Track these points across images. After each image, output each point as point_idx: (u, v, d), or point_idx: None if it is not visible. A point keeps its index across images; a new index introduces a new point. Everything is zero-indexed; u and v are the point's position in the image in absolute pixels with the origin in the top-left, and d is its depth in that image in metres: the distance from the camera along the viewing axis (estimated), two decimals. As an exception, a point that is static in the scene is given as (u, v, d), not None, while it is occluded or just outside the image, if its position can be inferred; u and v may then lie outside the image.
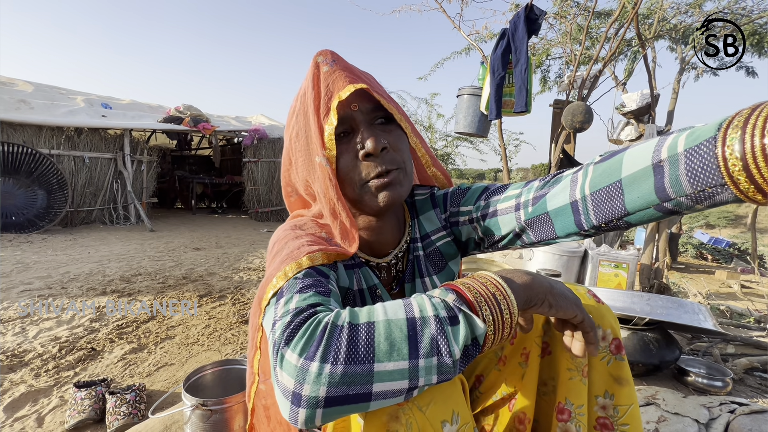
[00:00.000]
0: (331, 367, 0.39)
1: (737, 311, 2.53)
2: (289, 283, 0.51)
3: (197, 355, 1.94)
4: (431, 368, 0.40)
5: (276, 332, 0.44)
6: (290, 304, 0.47)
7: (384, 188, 0.59)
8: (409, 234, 0.72)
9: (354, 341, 0.40)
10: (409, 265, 0.71)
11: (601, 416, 0.64)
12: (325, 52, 0.61)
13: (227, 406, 1.05)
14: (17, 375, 1.68)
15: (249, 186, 7.24)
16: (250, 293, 2.92)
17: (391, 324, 0.42)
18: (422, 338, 0.41)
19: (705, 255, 5.31)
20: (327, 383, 0.38)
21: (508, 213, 0.61)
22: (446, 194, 0.74)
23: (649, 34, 4.28)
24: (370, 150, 0.57)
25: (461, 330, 0.42)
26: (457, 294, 0.45)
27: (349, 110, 0.59)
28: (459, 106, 3.09)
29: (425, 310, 0.43)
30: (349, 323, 0.42)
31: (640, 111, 3.93)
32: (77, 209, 5.57)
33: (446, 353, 0.41)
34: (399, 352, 0.40)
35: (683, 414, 1.09)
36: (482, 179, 23.38)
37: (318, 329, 0.42)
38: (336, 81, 0.58)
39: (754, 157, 0.34)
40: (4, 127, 4.90)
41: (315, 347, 0.40)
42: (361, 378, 0.39)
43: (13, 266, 3.34)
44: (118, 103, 7.21)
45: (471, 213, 0.68)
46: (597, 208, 0.49)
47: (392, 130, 0.62)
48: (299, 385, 0.39)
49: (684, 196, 0.40)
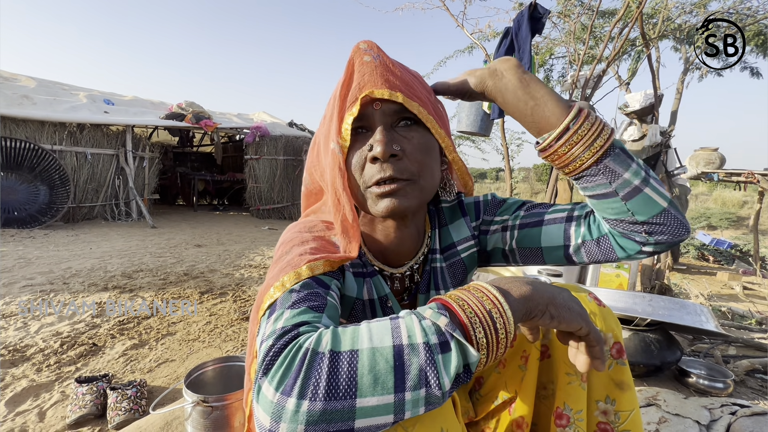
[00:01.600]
0: (309, 403, 0.36)
1: (738, 313, 2.52)
2: (284, 296, 0.48)
3: (198, 351, 1.94)
4: (418, 401, 0.38)
5: (259, 355, 0.42)
6: (278, 323, 0.44)
7: (385, 196, 0.54)
8: (428, 245, 0.69)
9: (334, 374, 0.37)
10: (425, 276, 0.68)
11: (602, 422, 0.63)
12: (371, 43, 0.58)
13: (228, 403, 1.06)
14: (19, 370, 1.68)
15: (250, 183, 7.24)
16: (251, 290, 2.92)
17: (376, 353, 0.38)
18: (410, 369, 0.38)
19: (706, 256, 5.30)
20: (305, 421, 0.36)
21: (557, 224, 0.61)
22: (478, 202, 0.71)
23: (654, 34, 4.26)
24: (377, 154, 0.53)
25: (453, 359, 0.39)
26: (450, 314, 0.41)
27: (370, 107, 0.55)
28: (461, 104, 3.08)
29: (414, 336, 0.39)
30: (330, 351, 0.39)
31: (643, 111, 3.91)
32: (79, 205, 5.59)
33: (435, 385, 0.38)
34: (384, 385, 0.37)
35: (684, 415, 1.08)
36: (484, 178, 23.34)
37: (297, 357, 0.39)
38: (373, 76, 0.54)
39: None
40: (7, 122, 4.91)
41: (293, 380, 0.37)
42: (342, 415, 0.36)
43: (15, 261, 3.35)
44: (120, 99, 7.21)
45: (507, 221, 0.67)
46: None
47: (414, 137, 0.56)
48: (275, 424, 0.36)
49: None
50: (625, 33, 3.26)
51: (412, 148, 0.56)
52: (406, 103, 0.54)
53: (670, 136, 3.82)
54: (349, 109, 0.54)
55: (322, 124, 0.62)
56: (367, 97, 0.54)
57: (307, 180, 0.68)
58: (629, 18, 3.58)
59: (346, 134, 0.54)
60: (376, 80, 0.54)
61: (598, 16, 4.93)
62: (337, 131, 0.55)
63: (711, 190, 13.74)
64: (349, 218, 0.54)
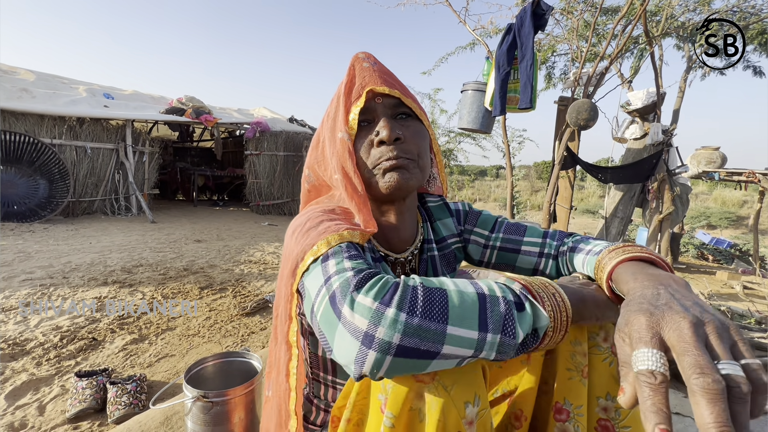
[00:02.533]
0: (407, 316, 0.39)
1: (738, 312, 2.53)
2: (334, 250, 0.50)
3: (198, 346, 1.94)
4: (494, 344, 0.41)
5: (334, 284, 0.44)
6: (345, 264, 0.47)
7: (391, 170, 0.61)
8: (422, 235, 0.75)
9: (429, 299, 0.41)
10: (423, 264, 0.73)
11: (603, 418, 0.63)
12: (367, 54, 0.67)
13: (228, 399, 1.06)
14: (19, 363, 1.68)
15: (250, 179, 7.22)
16: (251, 286, 2.92)
17: (463, 294, 0.43)
18: (491, 314, 0.42)
19: (706, 255, 5.30)
20: (402, 330, 0.38)
21: (530, 256, 0.74)
22: (458, 210, 0.81)
23: (657, 32, 4.24)
24: (384, 137, 0.60)
25: (527, 316, 0.43)
26: (521, 285, 0.47)
27: (373, 102, 0.63)
28: (463, 101, 3.07)
29: (493, 291, 0.44)
30: (422, 284, 0.43)
31: (645, 109, 3.90)
32: (79, 199, 5.57)
33: (511, 333, 0.42)
34: (470, 320, 0.41)
35: (684, 414, 1.08)
36: (484, 176, 23.32)
37: (389, 284, 0.43)
38: (373, 77, 0.63)
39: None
40: (6, 115, 4.88)
41: (390, 295, 0.41)
42: (435, 335, 0.39)
43: (15, 255, 3.35)
44: (120, 93, 7.18)
45: (489, 239, 0.77)
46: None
47: (411, 125, 0.65)
48: (374, 327, 0.39)
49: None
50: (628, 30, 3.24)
51: (410, 135, 0.64)
52: (403, 99, 0.63)
53: (672, 135, 3.81)
54: (355, 102, 0.62)
55: (325, 123, 0.69)
56: (371, 92, 0.62)
57: (311, 177, 0.73)
58: (632, 15, 3.56)
59: (353, 123, 0.61)
60: (376, 80, 0.63)
61: (601, 14, 4.90)
62: (344, 122, 0.62)
63: (711, 190, 13.74)
64: (360, 194, 0.60)
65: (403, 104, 0.64)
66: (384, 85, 0.62)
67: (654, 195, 3.86)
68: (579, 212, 10.98)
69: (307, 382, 0.74)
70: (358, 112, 0.61)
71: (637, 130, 4.08)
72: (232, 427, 1.08)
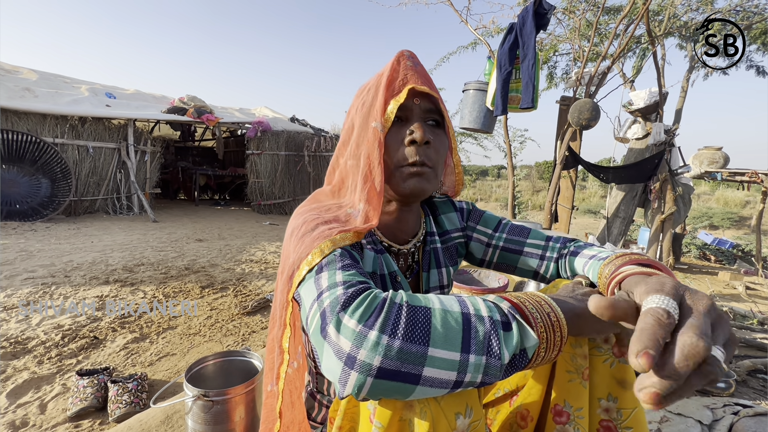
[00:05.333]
0: (389, 339, 0.40)
1: (740, 313, 2.52)
2: (328, 259, 0.52)
3: (199, 345, 1.95)
4: (480, 366, 0.41)
5: (325, 301, 0.45)
6: (336, 277, 0.48)
7: (414, 176, 0.63)
8: (425, 228, 0.76)
9: (412, 320, 0.41)
10: (426, 256, 0.75)
11: (605, 419, 0.63)
12: (411, 53, 0.68)
13: (229, 398, 1.06)
14: (20, 362, 1.69)
15: (252, 178, 7.23)
16: (252, 285, 2.93)
17: (447, 314, 0.42)
18: (476, 334, 0.41)
19: (708, 256, 5.28)
20: (383, 354, 0.39)
21: (532, 258, 0.74)
22: (462, 208, 0.83)
23: (659, 31, 4.22)
24: (417, 138, 0.61)
25: (513, 337, 0.42)
26: (510, 303, 0.46)
27: (411, 102, 0.64)
28: (464, 101, 3.06)
29: (479, 310, 0.44)
30: (407, 303, 0.43)
31: (647, 109, 3.89)
32: (81, 198, 5.58)
33: (496, 355, 0.41)
34: (453, 342, 0.41)
35: (686, 415, 1.08)
36: (485, 176, 23.30)
37: (376, 302, 0.43)
38: (415, 75, 0.64)
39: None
40: (9, 115, 4.90)
41: (374, 317, 0.41)
42: (415, 358, 0.39)
43: (17, 254, 3.36)
44: (122, 92, 7.19)
45: (491, 238, 0.78)
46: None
47: (438, 134, 0.66)
48: (356, 349, 0.40)
49: None
50: (630, 30, 3.22)
51: (436, 142, 0.65)
52: (439, 104, 0.65)
53: (675, 135, 3.79)
54: (395, 96, 0.62)
55: (358, 110, 0.69)
56: (411, 90, 0.63)
57: (332, 166, 0.74)
58: (635, 15, 3.55)
59: (391, 114, 0.62)
60: (418, 79, 0.64)
61: (604, 13, 4.89)
62: (380, 112, 0.62)
63: (713, 190, 13.70)
64: (377, 188, 0.60)
65: (435, 110, 0.66)
66: (425, 86, 0.63)
67: (656, 195, 3.85)
68: (581, 212, 10.95)
69: (311, 378, 0.74)
70: (397, 107, 0.62)
71: (639, 130, 4.07)
72: (232, 426, 1.08)
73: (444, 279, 0.75)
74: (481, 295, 0.49)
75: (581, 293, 0.56)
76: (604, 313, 0.41)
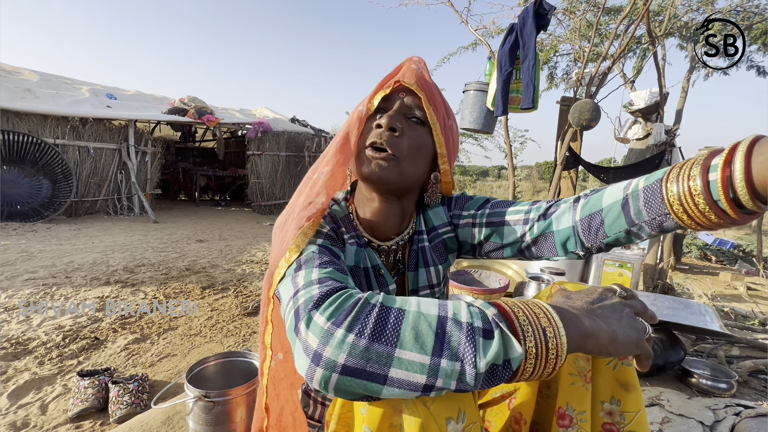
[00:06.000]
0: (354, 337, 0.40)
1: (741, 313, 2.51)
2: (306, 256, 0.54)
3: (199, 346, 1.94)
4: (452, 372, 0.39)
5: (300, 299, 0.46)
6: (312, 275, 0.49)
7: (371, 161, 0.64)
8: (413, 227, 0.75)
9: (382, 321, 0.41)
10: (413, 255, 0.74)
11: (607, 422, 0.63)
12: (420, 59, 0.71)
13: (230, 398, 1.06)
14: (21, 362, 1.69)
15: (252, 179, 7.23)
16: (253, 286, 2.92)
17: (421, 316, 0.42)
18: (449, 339, 0.40)
19: (709, 256, 5.27)
20: (348, 352, 0.40)
21: (517, 225, 0.68)
22: (452, 197, 0.80)
23: (660, 32, 4.22)
24: (382, 123, 0.64)
25: (493, 345, 0.40)
26: (498, 311, 0.43)
27: (397, 95, 0.67)
28: (465, 101, 3.06)
29: (459, 315, 0.42)
30: (381, 304, 0.43)
31: (648, 109, 3.88)
32: (81, 199, 5.59)
33: (470, 362, 0.39)
34: (423, 345, 0.40)
35: (688, 416, 1.08)
36: (486, 176, 23.29)
37: (349, 301, 0.44)
38: (411, 75, 0.67)
39: (684, 195, 0.48)
40: (10, 116, 4.90)
41: (344, 316, 0.42)
42: (381, 358, 0.40)
43: (18, 255, 3.36)
44: (123, 93, 7.20)
45: (475, 217, 0.74)
46: (586, 233, 0.60)
47: (416, 130, 0.67)
48: (322, 346, 0.41)
49: (644, 222, 0.54)
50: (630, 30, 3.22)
51: (409, 136, 0.66)
52: (424, 102, 0.66)
53: (675, 135, 3.79)
54: (383, 89, 0.67)
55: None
56: (399, 84, 0.67)
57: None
58: (635, 15, 3.55)
59: (375, 102, 0.66)
60: (412, 78, 0.67)
61: (604, 14, 4.89)
62: (368, 99, 0.67)
63: (714, 190, 13.66)
64: (347, 152, 0.65)
65: (421, 108, 0.67)
66: (414, 83, 0.66)
67: (657, 195, 3.83)
68: (581, 213, 10.93)
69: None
70: (381, 97, 0.66)
71: (640, 131, 4.06)
72: (233, 426, 1.08)
73: (433, 278, 0.74)
74: (481, 296, 0.49)
75: (610, 303, 0.50)
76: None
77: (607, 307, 0.48)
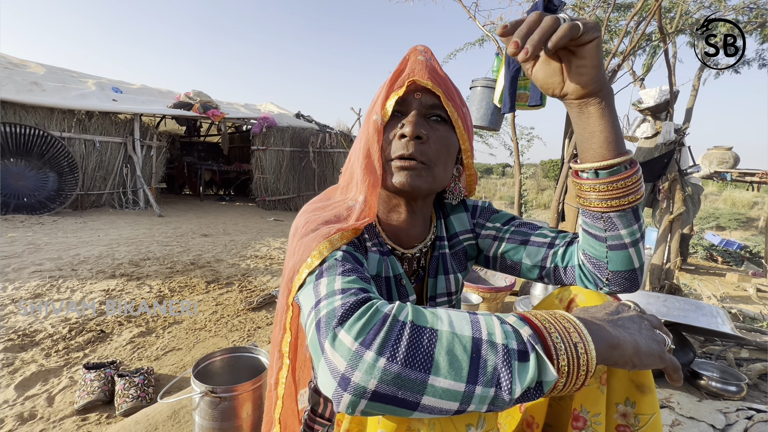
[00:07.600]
0: (386, 362, 0.37)
1: (749, 315, 2.49)
2: (329, 263, 0.50)
3: (204, 340, 1.95)
4: (486, 398, 0.38)
5: (322, 310, 0.43)
6: (335, 284, 0.46)
7: (401, 170, 0.61)
8: (434, 233, 0.74)
9: (415, 344, 0.38)
10: (434, 261, 0.72)
11: (621, 424, 0.61)
12: (426, 48, 0.66)
13: (236, 394, 1.05)
14: (28, 354, 1.70)
15: (257, 174, 7.24)
16: (257, 281, 2.93)
17: (455, 339, 0.39)
18: (485, 364, 0.38)
19: (715, 257, 5.23)
20: (379, 378, 0.37)
21: (541, 247, 0.69)
22: (476, 205, 0.79)
23: (671, 29, 4.16)
24: (406, 132, 0.60)
25: (529, 370, 0.38)
26: (533, 330, 0.41)
27: (412, 95, 0.63)
28: (472, 98, 3.03)
29: (494, 335, 0.40)
30: (411, 322, 0.40)
31: (657, 108, 3.83)
32: (87, 192, 5.61)
33: (506, 389, 0.38)
34: (458, 371, 0.38)
35: (699, 419, 1.06)
36: (490, 174, 23.20)
37: (376, 317, 0.40)
38: (422, 70, 0.63)
39: None
40: (17, 108, 4.92)
41: (373, 335, 0.39)
42: (414, 385, 0.37)
43: (25, 247, 3.38)
44: (128, 87, 7.21)
45: (499, 231, 0.74)
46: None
47: (440, 130, 0.64)
48: (351, 370, 0.37)
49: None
50: (641, 27, 3.17)
51: (435, 138, 0.63)
52: (443, 99, 0.62)
53: (685, 134, 3.74)
54: (396, 90, 0.62)
55: (372, 104, 0.69)
56: (413, 84, 0.62)
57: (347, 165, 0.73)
58: (646, 11, 3.49)
59: (389, 109, 0.62)
60: (424, 74, 0.62)
61: (614, 10, 4.82)
62: (381, 106, 0.62)
63: (721, 190, 13.56)
64: (376, 180, 0.59)
65: (440, 106, 0.63)
66: (429, 80, 0.61)
67: (665, 195, 3.80)
68: (586, 211, 10.88)
69: (314, 373, 0.74)
70: (396, 101, 0.61)
71: (649, 129, 4.02)
72: (239, 422, 1.07)
73: (452, 286, 0.73)
74: (487, 294, 0.47)
75: (628, 315, 0.49)
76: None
77: (626, 319, 0.48)
